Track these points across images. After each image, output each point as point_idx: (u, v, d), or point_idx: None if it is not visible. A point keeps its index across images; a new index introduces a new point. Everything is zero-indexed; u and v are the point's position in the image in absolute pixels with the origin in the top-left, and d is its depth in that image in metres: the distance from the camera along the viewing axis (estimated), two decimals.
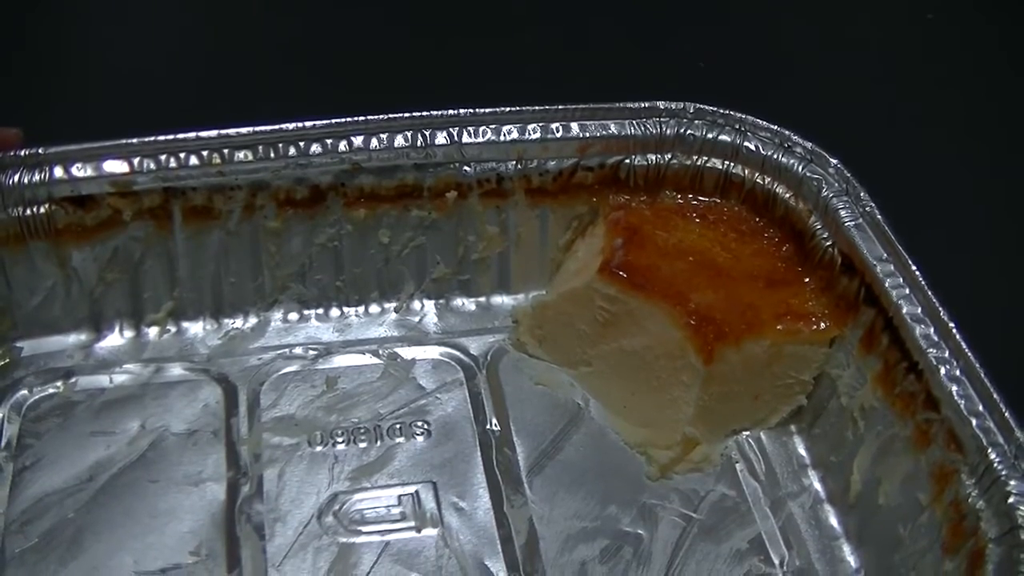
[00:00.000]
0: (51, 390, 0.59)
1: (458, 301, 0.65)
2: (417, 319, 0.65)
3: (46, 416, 0.58)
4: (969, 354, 0.52)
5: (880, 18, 0.92)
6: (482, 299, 0.65)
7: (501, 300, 0.65)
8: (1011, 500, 0.47)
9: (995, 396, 0.50)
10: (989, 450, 0.48)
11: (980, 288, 0.67)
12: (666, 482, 0.57)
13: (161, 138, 0.59)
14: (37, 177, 0.58)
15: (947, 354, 0.52)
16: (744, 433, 0.60)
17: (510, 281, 0.65)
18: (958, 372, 0.51)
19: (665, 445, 0.58)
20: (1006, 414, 0.49)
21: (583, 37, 0.92)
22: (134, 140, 0.59)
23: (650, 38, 0.92)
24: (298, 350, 0.62)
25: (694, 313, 0.57)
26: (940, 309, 0.54)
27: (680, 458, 0.58)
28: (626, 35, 0.93)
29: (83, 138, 0.59)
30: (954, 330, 0.53)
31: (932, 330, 0.53)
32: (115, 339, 0.62)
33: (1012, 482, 0.47)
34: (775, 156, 0.61)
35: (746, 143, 0.62)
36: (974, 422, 0.49)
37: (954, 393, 0.51)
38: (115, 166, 0.58)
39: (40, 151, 0.58)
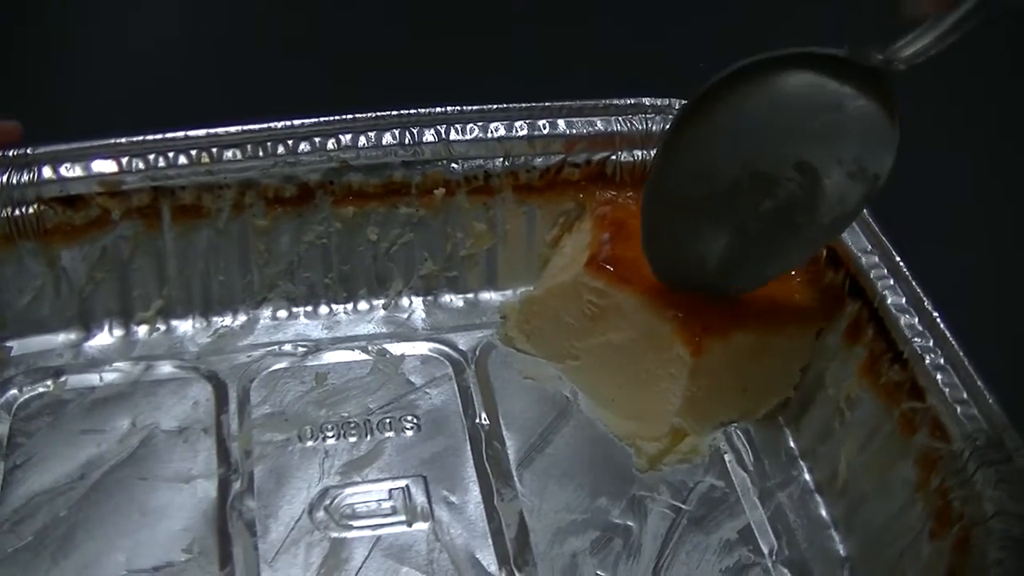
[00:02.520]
0: (41, 389, 0.59)
1: (446, 297, 0.66)
2: (406, 315, 0.65)
3: (37, 415, 0.58)
4: (953, 343, 0.53)
5: (880, 18, 0.92)
6: (470, 295, 0.66)
7: (489, 296, 0.66)
8: (995, 485, 0.47)
9: (979, 383, 0.51)
10: (973, 437, 0.49)
11: (963, 278, 0.68)
12: (655, 473, 0.58)
13: (150, 137, 0.59)
14: (26, 177, 0.58)
15: (931, 343, 0.53)
16: (732, 425, 0.60)
17: (498, 277, 0.66)
18: (942, 361, 0.52)
19: (653, 437, 0.58)
20: (990, 401, 0.50)
21: (582, 36, 0.93)
22: (122, 140, 0.59)
23: (649, 37, 0.93)
24: (287, 347, 0.62)
25: (681, 306, 0.57)
26: (924, 299, 0.55)
27: (668, 450, 0.58)
28: (625, 35, 0.93)
29: (72, 138, 0.59)
30: (938, 319, 0.54)
31: (916, 320, 0.54)
32: (105, 338, 0.62)
33: (996, 468, 0.48)
34: None
35: None
36: (958, 409, 0.50)
37: (939, 381, 0.51)
38: (104, 166, 0.59)
39: (28, 151, 0.58)
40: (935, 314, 0.54)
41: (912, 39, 0.46)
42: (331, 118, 0.61)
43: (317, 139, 0.60)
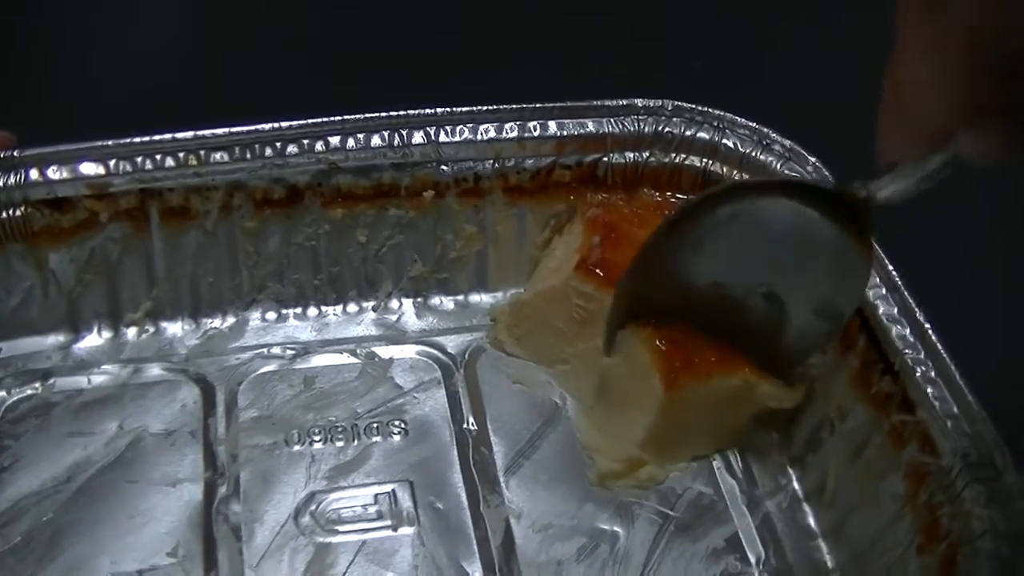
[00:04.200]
0: (29, 391, 0.59)
1: (436, 299, 0.65)
2: (395, 318, 0.64)
3: (24, 417, 0.58)
4: (944, 355, 0.52)
5: (880, 18, 0.92)
6: (460, 297, 0.65)
7: (479, 298, 0.65)
8: (984, 503, 0.47)
9: (969, 398, 0.50)
10: (963, 453, 0.48)
11: (956, 288, 0.67)
12: None
13: (137, 140, 0.58)
14: (12, 180, 0.57)
15: (922, 355, 0.52)
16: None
17: (488, 279, 0.65)
18: (933, 374, 0.51)
19: (612, 457, 0.57)
20: (981, 416, 0.49)
21: (581, 36, 0.92)
22: (110, 142, 0.58)
23: (648, 37, 0.92)
24: (276, 350, 0.62)
25: (666, 337, 0.56)
26: (916, 310, 0.54)
27: (622, 474, 0.57)
28: (624, 35, 0.93)
29: (59, 140, 0.58)
30: (929, 331, 0.53)
31: (908, 331, 0.53)
32: (93, 339, 0.62)
33: (985, 485, 0.47)
34: (753, 154, 0.61)
35: (724, 140, 0.61)
36: (949, 424, 0.49)
37: (929, 395, 0.51)
38: (91, 168, 0.58)
39: (15, 154, 0.58)
40: (927, 326, 0.53)
41: (888, 182, 0.47)
42: (319, 120, 0.60)
43: (306, 141, 0.60)
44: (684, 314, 0.55)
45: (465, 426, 0.59)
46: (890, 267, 0.55)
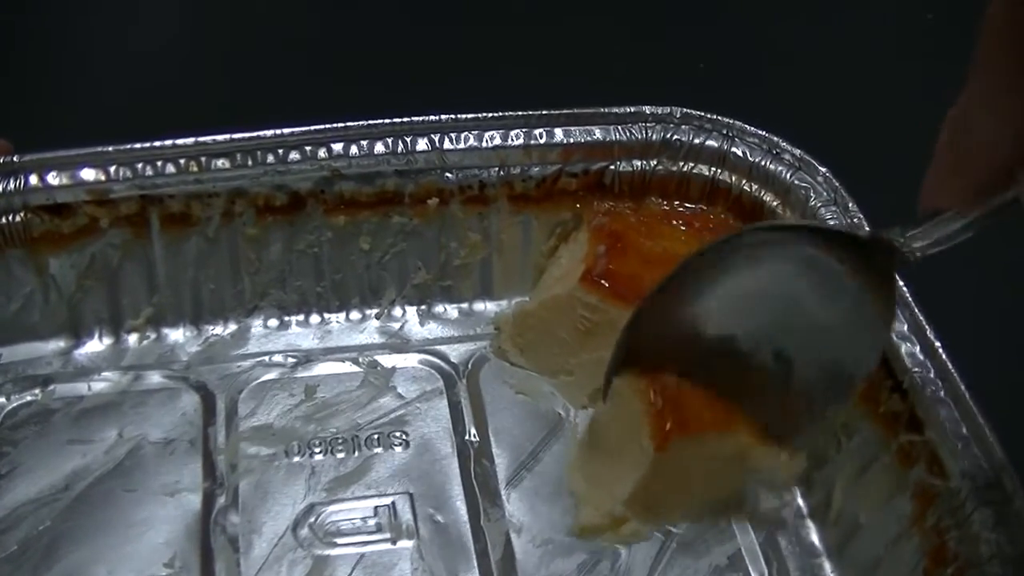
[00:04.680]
0: (29, 397, 0.59)
1: (440, 307, 0.64)
2: (398, 325, 0.64)
3: (23, 424, 0.58)
4: (955, 375, 0.51)
5: (879, 19, 0.91)
6: (464, 305, 0.65)
7: (483, 306, 0.65)
8: (992, 527, 0.46)
9: (979, 419, 0.49)
10: (972, 475, 0.47)
11: (968, 306, 0.66)
12: None
13: (137, 146, 0.58)
14: (12, 185, 0.57)
15: (932, 374, 0.51)
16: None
17: (492, 287, 0.64)
18: (942, 393, 0.50)
19: (597, 509, 0.55)
20: (990, 438, 0.48)
21: (581, 36, 0.92)
22: (110, 148, 0.58)
23: (648, 37, 0.91)
24: (278, 357, 0.62)
25: (661, 389, 0.53)
26: (927, 327, 0.53)
27: (604, 528, 0.55)
28: (624, 35, 0.92)
29: (58, 141, 0.58)
30: (939, 349, 0.52)
31: (918, 349, 0.52)
32: (94, 345, 0.61)
33: (993, 509, 0.46)
34: (763, 163, 0.60)
35: (733, 149, 0.60)
36: (958, 446, 0.48)
37: (939, 415, 0.50)
38: (91, 174, 0.58)
39: (15, 159, 0.57)
40: (937, 344, 0.52)
41: (926, 232, 0.46)
42: (322, 126, 0.59)
43: (308, 148, 0.59)
44: (685, 363, 0.53)
45: (467, 437, 0.58)
46: (901, 283, 0.54)
